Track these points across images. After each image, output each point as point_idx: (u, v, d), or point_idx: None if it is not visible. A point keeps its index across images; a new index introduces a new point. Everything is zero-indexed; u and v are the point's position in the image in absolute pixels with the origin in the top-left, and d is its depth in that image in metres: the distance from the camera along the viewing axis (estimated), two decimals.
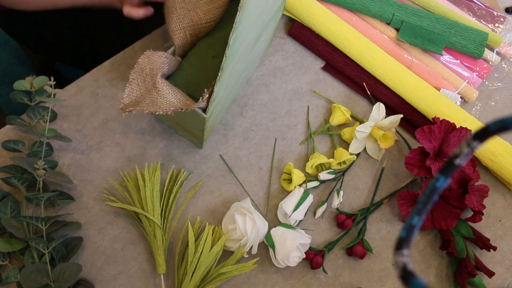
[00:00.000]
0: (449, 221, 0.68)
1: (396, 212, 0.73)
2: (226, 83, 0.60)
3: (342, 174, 0.74)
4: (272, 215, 0.71)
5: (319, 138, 0.76)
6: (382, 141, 0.73)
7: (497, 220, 0.74)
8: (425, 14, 0.82)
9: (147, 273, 0.66)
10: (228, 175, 0.72)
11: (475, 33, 0.81)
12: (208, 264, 0.63)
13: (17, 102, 0.67)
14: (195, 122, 0.63)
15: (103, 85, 0.74)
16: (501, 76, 0.83)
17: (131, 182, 0.68)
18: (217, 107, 0.64)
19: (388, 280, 0.69)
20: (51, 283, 0.58)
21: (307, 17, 0.79)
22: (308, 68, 0.80)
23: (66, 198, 0.66)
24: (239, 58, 0.60)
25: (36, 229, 0.62)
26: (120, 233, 0.67)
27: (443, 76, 0.80)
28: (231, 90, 0.68)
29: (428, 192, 0.27)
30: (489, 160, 0.74)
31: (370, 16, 0.82)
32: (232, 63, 0.57)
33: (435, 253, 0.71)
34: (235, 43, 0.53)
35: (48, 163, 0.65)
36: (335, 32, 0.78)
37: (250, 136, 0.75)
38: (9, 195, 0.64)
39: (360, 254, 0.68)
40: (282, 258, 0.64)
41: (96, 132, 0.72)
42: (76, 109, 0.73)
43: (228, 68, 0.57)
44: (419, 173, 0.69)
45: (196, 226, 0.68)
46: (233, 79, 0.64)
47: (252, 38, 0.61)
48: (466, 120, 0.75)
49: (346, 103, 0.78)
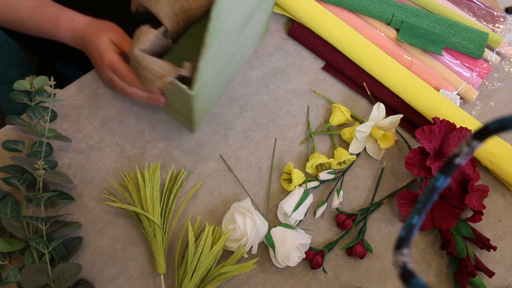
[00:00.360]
0: (449, 221, 0.68)
1: (396, 212, 0.73)
2: (212, 62, 0.59)
3: (342, 174, 0.74)
4: (272, 215, 0.71)
5: (319, 138, 0.76)
6: (382, 141, 0.73)
7: (497, 220, 0.74)
8: (425, 14, 0.82)
9: (147, 273, 0.66)
10: (228, 175, 0.72)
11: (475, 33, 0.81)
12: (208, 264, 0.63)
13: (17, 102, 0.67)
14: (182, 101, 0.62)
15: (103, 85, 0.74)
16: (501, 76, 0.83)
17: (131, 182, 0.68)
18: (205, 88, 0.63)
19: (388, 280, 0.69)
20: (51, 283, 0.58)
21: (306, 18, 0.79)
22: (308, 68, 0.80)
23: (66, 198, 0.66)
24: (225, 37, 0.58)
25: (36, 229, 0.62)
26: (120, 233, 0.67)
27: (443, 76, 0.80)
28: (221, 73, 0.67)
29: (428, 192, 0.28)
30: (488, 161, 0.74)
31: (370, 16, 0.82)
32: (217, 41, 0.56)
33: (435, 253, 0.71)
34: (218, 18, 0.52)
35: (48, 163, 0.65)
36: (334, 34, 0.78)
37: (250, 136, 0.75)
38: (9, 195, 0.64)
39: (360, 254, 0.68)
40: (282, 258, 0.64)
41: (96, 132, 0.72)
42: (76, 109, 0.73)
43: (213, 46, 0.55)
44: (419, 173, 0.69)
45: (196, 226, 0.68)
46: (221, 60, 0.63)
47: (240, 18, 0.60)
48: (466, 120, 0.75)
49: (346, 103, 0.79)
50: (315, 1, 0.81)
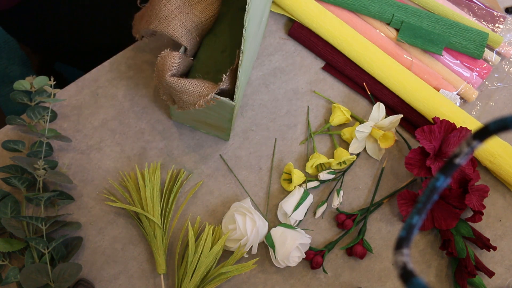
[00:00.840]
0: (449, 221, 0.68)
1: (396, 212, 0.73)
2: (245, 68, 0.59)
3: (342, 174, 0.74)
4: (272, 215, 0.71)
5: (319, 138, 0.76)
6: (382, 141, 0.73)
7: (497, 220, 0.74)
8: (425, 14, 0.82)
9: (147, 273, 0.66)
10: (228, 175, 0.72)
11: (475, 33, 0.81)
12: (208, 264, 0.63)
13: (17, 102, 0.67)
14: (221, 113, 0.62)
15: (103, 85, 0.74)
16: (501, 76, 0.83)
17: (131, 182, 0.68)
18: (240, 94, 0.63)
19: (388, 280, 0.69)
20: (51, 283, 0.58)
21: (306, 18, 0.79)
22: (308, 68, 0.80)
23: (66, 198, 0.66)
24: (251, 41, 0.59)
25: (36, 229, 0.62)
26: (120, 233, 0.67)
27: (443, 76, 0.80)
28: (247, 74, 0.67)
29: (428, 192, 0.28)
30: (488, 161, 0.74)
31: (370, 16, 0.82)
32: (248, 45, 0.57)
33: (435, 253, 0.71)
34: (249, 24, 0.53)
35: (48, 163, 0.65)
36: (334, 34, 0.78)
37: (250, 136, 0.75)
38: (9, 195, 0.64)
39: (360, 254, 0.68)
40: (282, 258, 0.64)
41: (96, 132, 0.72)
42: (76, 109, 0.73)
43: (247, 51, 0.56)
44: (419, 173, 0.69)
45: (196, 226, 0.68)
46: (249, 64, 0.64)
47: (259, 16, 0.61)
48: (466, 120, 0.75)
49: (346, 103, 0.78)
50: (315, 1, 0.81)
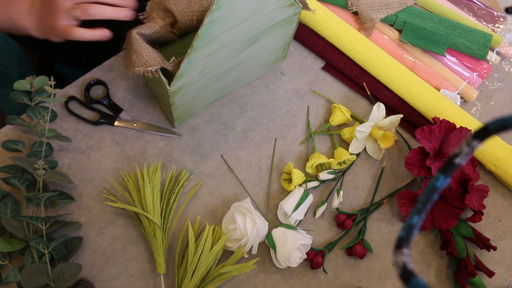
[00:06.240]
0: (449, 221, 0.68)
1: (396, 212, 0.73)
2: (200, 65, 0.60)
3: (342, 174, 0.74)
4: (272, 215, 0.71)
5: (319, 138, 0.76)
6: (382, 141, 0.73)
7: (497, 220, 0.74)
8: (429, 16, 0.82)
9: (147, 273, 0.66)
10: (228, 175, 0.72)
11: (479, 34, 0.81)
12: (208, 264, 0.63)
13: (17, 102, 0.67)
14: (163, 94, 0.64)
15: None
16: (501, 76, 0.83)
17: (131, 182, 0.68)
18: (189, 89, 0.64)
19: (388, 280, 0.69)
20: (51, 283, 0.58)
21: (310, 20, 0.79)
22: (308, 68, 0.80)
23: (66, 198, 0.66)
24: (221, 47, 0.60)
25: (36, 229, 0.62)
26: (120, 233, 0.67)
27: (443, 76, 0.80)
28: (214, 81, 0.68)
29: (428, 192, 0.27)
30: (492, 164, 0.74)
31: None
32: (209, 48, 0.58)
33: (435, 253, 0.71)
34: (211, 26, 0.54)
35: (48, 163, 0.65)
36: (339, 36, 0.78)
37: (250, 136, 0.75)
38: (9, 195, 0.64)
39: (360, 254, 0.68)
40: (283, 258, 0.64)
41: (96, 132, 0.72)
42: (76, 109, 0.73)
43: (202, 50, 0.57)
44: (419, 173, 0.69)
45: (196, 226, 0.68)
46: (215, 68, 0.64)
47: (242, 35, 0.62)
48: (466, 120, 0.75)
49: (346, 103, 0.78)
50: (318, 2, 0.81)
